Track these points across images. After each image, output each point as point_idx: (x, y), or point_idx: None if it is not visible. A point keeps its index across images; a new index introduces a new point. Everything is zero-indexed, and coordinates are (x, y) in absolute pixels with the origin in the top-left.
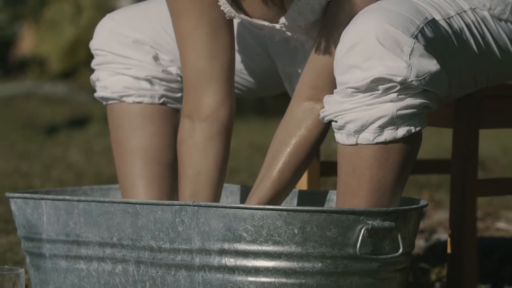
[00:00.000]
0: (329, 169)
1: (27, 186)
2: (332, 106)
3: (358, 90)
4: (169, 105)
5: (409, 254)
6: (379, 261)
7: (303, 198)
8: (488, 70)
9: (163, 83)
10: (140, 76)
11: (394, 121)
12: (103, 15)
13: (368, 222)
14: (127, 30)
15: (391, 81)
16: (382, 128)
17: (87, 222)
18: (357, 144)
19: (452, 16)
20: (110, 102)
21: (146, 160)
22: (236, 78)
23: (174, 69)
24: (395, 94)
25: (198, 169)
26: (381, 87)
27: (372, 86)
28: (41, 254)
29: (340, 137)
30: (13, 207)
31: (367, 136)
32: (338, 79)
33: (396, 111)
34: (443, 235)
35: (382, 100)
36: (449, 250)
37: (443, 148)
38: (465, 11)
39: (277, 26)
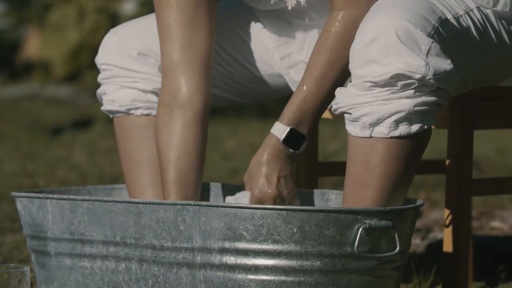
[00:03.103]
0: (326, 169)
1: (32, 186)
2: (347, 99)
3: (377, 84)
4: None
5: (406, 253)
6: (377, 259)
7: (302, 197)
8: (488, 68)
9: None
10: (147, 89)
11: (410, 116)
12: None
13: (366, 221)
14: (132, 43)
15: (409, 77)
16: (397, 123)
17: (91, 221)
18: (371, 137)
19: (461, 15)
20: (117, 115)
21: (157, 171)
22: (239, 86)
23: None
24: (412, 91)
25: (179, 154)
26: (399, 83)
27: (391, 81)
28: (46, 252)
29: (353, 129)
30: (19, 206)
31: (382, 130)
32: (355, 72)
33: (413, 107)
34: (439, 234)
35: (399, 95)
36: (444, 249)
37: (439, 148)
38: (471, 10)
39: None
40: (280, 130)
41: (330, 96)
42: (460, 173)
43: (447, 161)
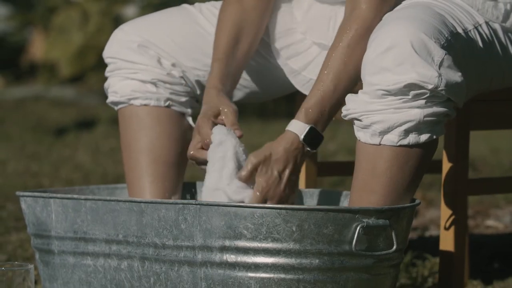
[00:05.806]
0: (325, 169)
1: (36, 185)
2: (358, 105)
3: (389, 93)
4: (174, 108)
5: (402, 251)
6: (374, 257)
7: (301, 197)
8: (492, 80)
9: (167, 85)
10: (146, 80)
11: (419, 126)
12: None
13: (364, 220)
14: (133, 36)
15: (422, 88)
16: (407, 132)
17: (94, 220)
18: (380, 144)
19: (470, 30)
20: (120, 106)
21: (153, 159)
22: (241, 81)
23: (176, 72)
24: (423, 101)
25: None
26: (412, 93)
27: (404, 90)
28: (50, 251)
29: (363, 136)
30: (23, 206)
31: (391, 138)
32: (368, 79)
33: (423, 117)
34: (435, 232)
35: (410, 105)
36: (441, 247)
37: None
38: (480, 25)
39: None
40: (299, 128)
41: (346, 95)
42: (456, 173)
43: (444, 161)
